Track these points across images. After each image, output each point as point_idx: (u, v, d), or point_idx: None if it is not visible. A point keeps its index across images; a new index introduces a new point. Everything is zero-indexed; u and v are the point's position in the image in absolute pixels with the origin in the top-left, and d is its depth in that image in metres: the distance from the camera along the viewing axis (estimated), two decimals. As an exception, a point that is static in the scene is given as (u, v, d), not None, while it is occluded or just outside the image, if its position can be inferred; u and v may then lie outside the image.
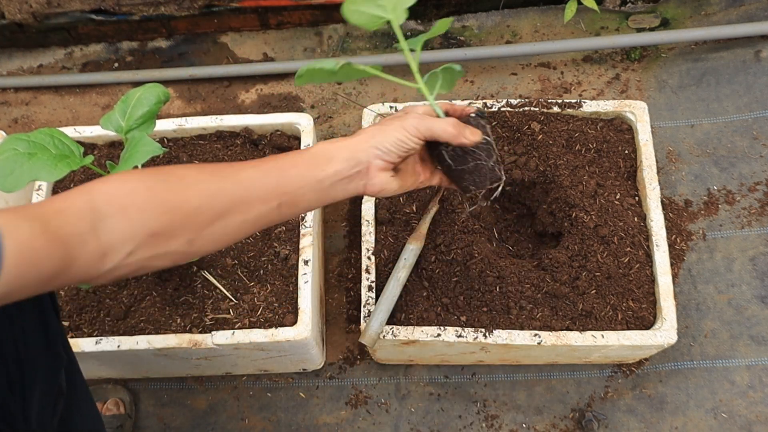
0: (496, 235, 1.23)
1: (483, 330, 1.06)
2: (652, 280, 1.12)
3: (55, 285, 0.62)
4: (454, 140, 0.79)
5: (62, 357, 0.83)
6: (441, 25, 0.83)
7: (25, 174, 0.87)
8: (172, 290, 1.15)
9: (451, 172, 0.82)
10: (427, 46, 1.65)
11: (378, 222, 1.16)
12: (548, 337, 1.06)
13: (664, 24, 1.63)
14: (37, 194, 1.21)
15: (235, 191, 0.70)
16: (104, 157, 1.26)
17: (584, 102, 1.21)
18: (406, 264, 1.08)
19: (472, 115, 0.83)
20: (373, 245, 1.14)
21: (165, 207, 0.66)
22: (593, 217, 1.14)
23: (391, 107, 1.22)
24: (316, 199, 0.76)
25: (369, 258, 1.12)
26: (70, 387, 0.85)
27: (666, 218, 1.34)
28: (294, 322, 1.10)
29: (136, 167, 0.90)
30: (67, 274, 0.62)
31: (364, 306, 1.09)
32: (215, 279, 1.15)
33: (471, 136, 0.80)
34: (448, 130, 0.79)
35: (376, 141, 0.76)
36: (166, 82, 1.61)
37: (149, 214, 0.65)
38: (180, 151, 1.25)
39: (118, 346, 1.09)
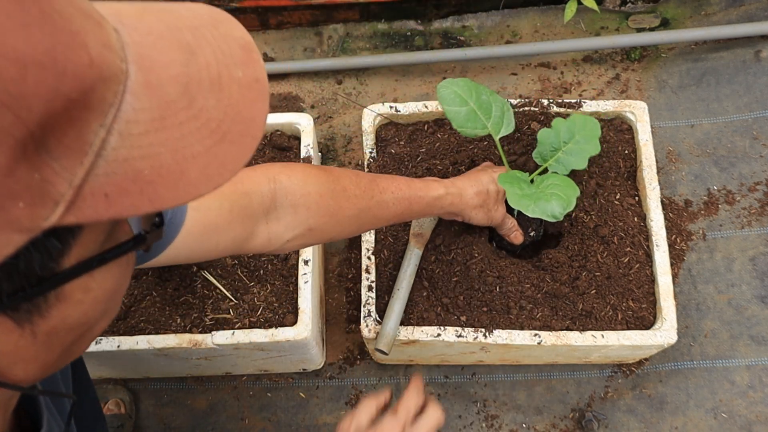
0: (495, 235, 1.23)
1: (483, 330, 1.06)
2: (652, 280, 1.12)
3: (234, 253, 0.79)
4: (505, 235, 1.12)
5: None
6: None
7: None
8: (172, 290, 1.15)
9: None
10: (427, 46, 1.65)
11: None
12: (548, 337, 1.06)
13: (664, 24, 1.63)
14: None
15: (376, 213, 0.88)
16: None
17: (584, 102, 1.21)
18: (413, 267, 1.09)
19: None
20: (373, 245, 1.14)
21: (326, 212, 0.81)
22: (593, 217, 1.15)
23: (391, 107, 1.22)
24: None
25: (369, 258, 1.12)
26: (74, 381, 0.85)
27: (666, 218, 1.34)
28: (294, 322, 1.10)
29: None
30: (244, 246, 0.76)
31: (364, 306, 1.09)
32: (215, 279, 1.15)
33: (514, 239, 1.11)
34: (506, 230, 1.11)
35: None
36: (166, 82, 1.60)
37: (313, 214, 0.79)
38: (180, 151, 1.25)
39: (118, 346, 1.09)
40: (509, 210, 1.08)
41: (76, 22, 0.33)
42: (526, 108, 1.21)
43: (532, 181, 1.04)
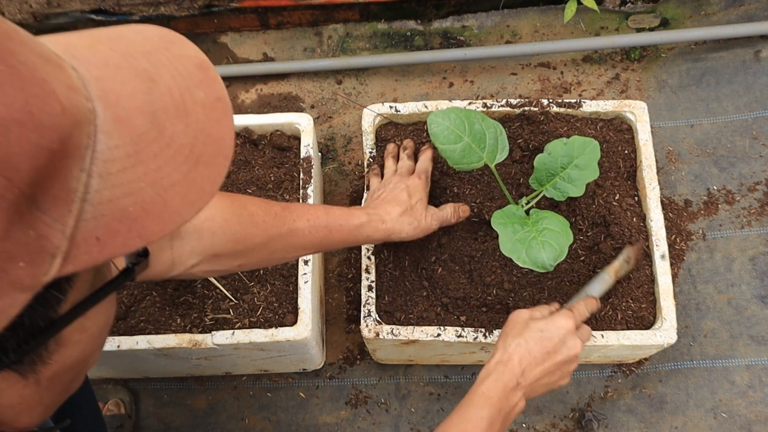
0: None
1: (483, 330, 1.06)
2: (651, 280, 1.12)
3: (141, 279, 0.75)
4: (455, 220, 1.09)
5: None
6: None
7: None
8: (172, 290, 1.15)
9: None
10: (427, 46, 1.65)
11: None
12: (548, 337, 1.06)
13: (664, 24, 1.63)
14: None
15: (290, 241, 0.85)
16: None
17: (584, 102, 1.21)
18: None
19: None
20: (373, 245, 1.14)
21: (232, 237, 0.79)
22: (593, 216, 1.15)
23: (390, 107, 1.22)
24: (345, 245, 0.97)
25: (369, 258, 1.12)
26: None
27: (666, 218, 1.34)
28: (294, 322, 1.10)
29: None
30: (146, 273, 0.71)
31: (364, 306, 1.09)
32: (215, 279, 1.15)
33: (464, 214, 1.09)
34: (451, 218, 1.08)
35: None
36: (166, 82, 1.61)
37: (218, 239, 0.78)
38: (180, 151, 1.25)
39: (118, 346, 1.09)
40: (438, 195, 1.10)
41: (41, 70, 0.32)
42: (526, 108, 1.21)
43: (527, 212, 1.03)
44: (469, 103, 1.21)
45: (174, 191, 0.37)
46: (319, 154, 1.42)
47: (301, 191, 1.19)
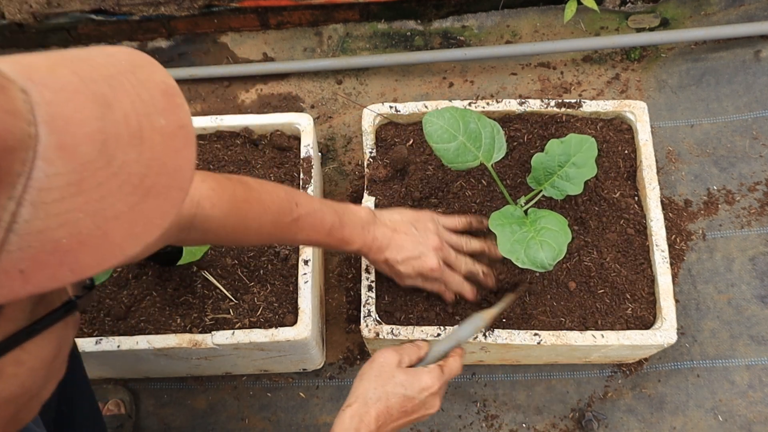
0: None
1: (483, 330, 1.06)
2: (651, 280, 1.12)
3: (147, 254, 0.80)
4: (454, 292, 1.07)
5: None
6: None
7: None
8: (172, 290, 1.15)
9: None
10: (427, 46, 1.65)
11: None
12: (548, 337, 1.06)
13: (664, 24, 1.63)
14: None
15: (281, 242, 0.95)
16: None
17: (584, 102, 1.21)
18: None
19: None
20: (373, 245, 1.14)
21: (231, 239, 0.86)
22: (592, 216, 1.15)
23: (390, 107, 1.22)
24: None
25: (369, 258, 1.12)
26: (67, 382, 0.85)
27: (666, 218, 1.34)
28: (294, 322, 1.10)
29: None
30: (151, 247, 0.76)
31: (364, 306, 1.09)
32: (215, 279, 1.15)
33: (468, 295, 1.06)
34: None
35: None
36: (166, 82, 1.60)
37: (219, 239, 0.85)
38: (180, 151, 1.25)
39: (118, 346, 1.09)
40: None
41: None
42: (526, 108, 1.21)
43: (526, 212, 1.03)
44: (470, 104, 1.21)
45: (116, 223, 0.35)
46: (319, 154, 1.42)
47: (301, 191, 1.19)
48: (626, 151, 1.21)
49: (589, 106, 1.21)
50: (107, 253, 0.35)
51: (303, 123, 1.24)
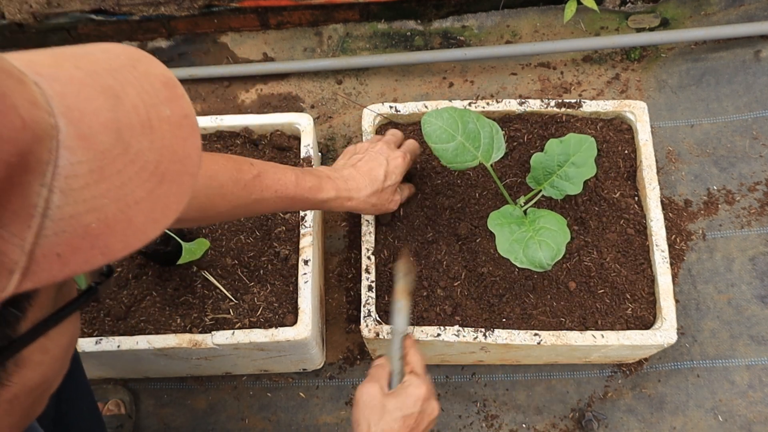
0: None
1: (483, 330, 1.06)
2: (651, 279, 1.12)
3: None
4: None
5: None
6: None
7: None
8: (172, 290, 1.15)
9: None
10: (427, 46, 1.65)
11: (378, 222, 1.16)
12: (548, 337, 1.06)
13: (664, 24, 1.63)
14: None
15: (253, 208, 0.89)
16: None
17: (584, 102, 1.21)
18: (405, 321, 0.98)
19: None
20: (373, 245, 1.14)
21: (198, 207, 0.81)
22: (592, 216, 1.15)
23: (390, 107, 1.22)
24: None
25: (369, 258, 1.12)
26: (66, 382, 0.84)
27: (666, 218, 1.34)
28: (294, 322, 1.10)
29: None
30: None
31: (364, 306, 1.09)
32: (215, 279, 1.15)
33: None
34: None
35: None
36: (166, 82, 1.60)
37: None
38: (180, 151, 1.25)
39: (118, 346, 1.09)
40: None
41: (1, 84, 0.32)
42: (526, 108, 1.21)
43: (525, 212, 1.03)
44: (470, 104, 1.21)
45: (138, 208, 0.36)
46: (320, 154, 1.42)
47: (301, 191, 1.19)
48: (626, 151, 1.21)
49: (589, 106, 1.21)
50: (132, 236, 0.36)
51: (303, 123, 1.24)
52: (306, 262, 1.13)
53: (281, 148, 1.26)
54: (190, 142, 0.40)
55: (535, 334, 1.06)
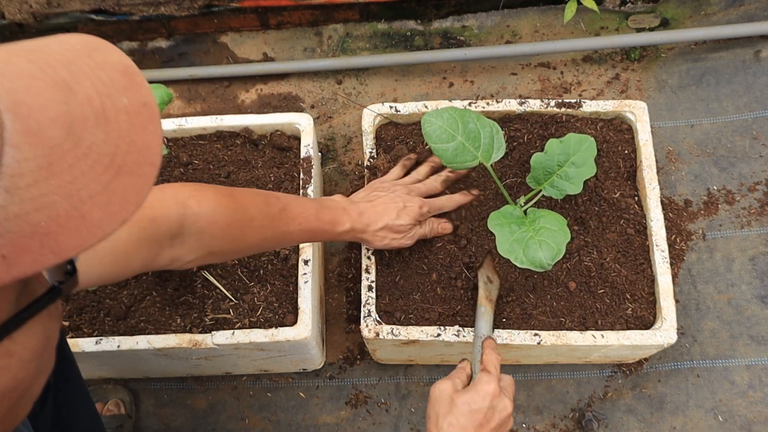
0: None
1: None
2: (651, 279, 1.12)
3: (141, 272, 0.82)
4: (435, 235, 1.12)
5: None
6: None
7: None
8: (172, 290, 1.15)
9: None
10: (427, 46, 1.65)
11: None
12: (548, 337, 1.06)
13: (664, 24, 1.63)
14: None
15: (279, 241, 0.93)
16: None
17: (584, 102, 1.21)
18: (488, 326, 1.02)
19: None
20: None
21: (230, 239, 0.84)
22: (592, 216, 1.15)
23: (390, 107, 1.22)
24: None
25: (369, 258, 1.12)
26: (63, 386, 0.84)
27: (666, 218, 1.34)
28: (294, 322, 1.10)
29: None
30: (150, 266, 0.79)
31: (364, 306, 1.09)
32: (215, 279, 1.15)
33: (443, 231, 1.12)
34: (431, 234, 1.12)
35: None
36: (166, 82, 1.61)
37: (217, 241, 0.83)
38: (180, 151, 1.26)
39: (118, 346, 1.09)
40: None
41: None
42: (526, 108, 1.21)
43: (525, 212, 1.03)
44: (470, 103, 1.21)
45: (93, 203, 0.35)
46: (319, 154, 1.42)
47: (301, 191, 1.19)
48: (626, 151, 1.21)
49: (589, 106, 1.21)
50: (86, 233, 0.35)
51: (303, 123, 1.24)
52: (306, 262, 1.13)
53: (281, 148, 1.26)
54: (150, 130, 0.39)
55: (535, 334, 1.06)
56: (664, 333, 1.06)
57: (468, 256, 1.12)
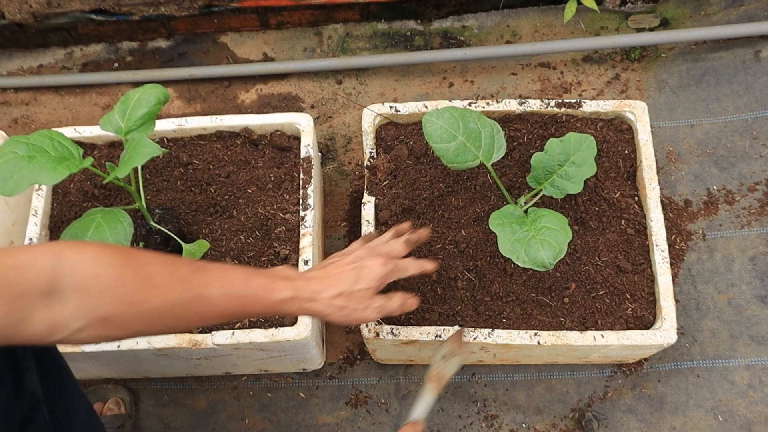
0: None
1: (483, 330, 1.06)
2: (652, 279, 1.12)
3: (7, 342, 0.63)
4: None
5: (20, 361, 0.78)
6: None
7: (25, 177, 0.87)
8: (172, 290, 1.15)
9: None
10: (427, 46, 1.65)
11: (378, 222, 1.16)
12: (548, 337, 1.06)
13: (664, 24, 1.63)
14: (38, 194, 1.21)
15: (197, 308, 0.74)
16: (104, 157, 1.26)
17: (584, 102, 1.21)
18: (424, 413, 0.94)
19: None
20: (373, 245, 1.14)
21: (124, 300, 0.68)
22: (592, 216, 1.15)
23: (390, 107, 1.22)
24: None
25: (369, 258, 1.12)
26: (57, 391, 0.84)
27: (666, 218, 1.34)
28: (294, 322, 1.10)
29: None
30: (16, 332, 0.63)
31: (364, 306, 1.09)
32: (215, 279, 1.15)
33: (410, 308, 0.95)
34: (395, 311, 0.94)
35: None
36: (166, 82, 1.61)
37: (106, 300, 0.67)
38: (180, 151, 1.26)
39: (118, 346, 1.09)
40: None
41: None
42: (527, 108, 1.21)
43: (526, 211, 1.03)
44: (470, 104, 1.21)
45: None
46: (319, 154, 1.42)
47: (301, 191, 1.19)
48: (626, 151, 1.21)
49: (589, 106, 1.21)
50: None
51: (303, 123, 1.24)
52: (306, 262, 1.13)
53: (281, 148, 1.26)
54: None
55: (535, 334, 1.06)
56: (664, 333, 1.06)
57: (467, 256, 1.12)
